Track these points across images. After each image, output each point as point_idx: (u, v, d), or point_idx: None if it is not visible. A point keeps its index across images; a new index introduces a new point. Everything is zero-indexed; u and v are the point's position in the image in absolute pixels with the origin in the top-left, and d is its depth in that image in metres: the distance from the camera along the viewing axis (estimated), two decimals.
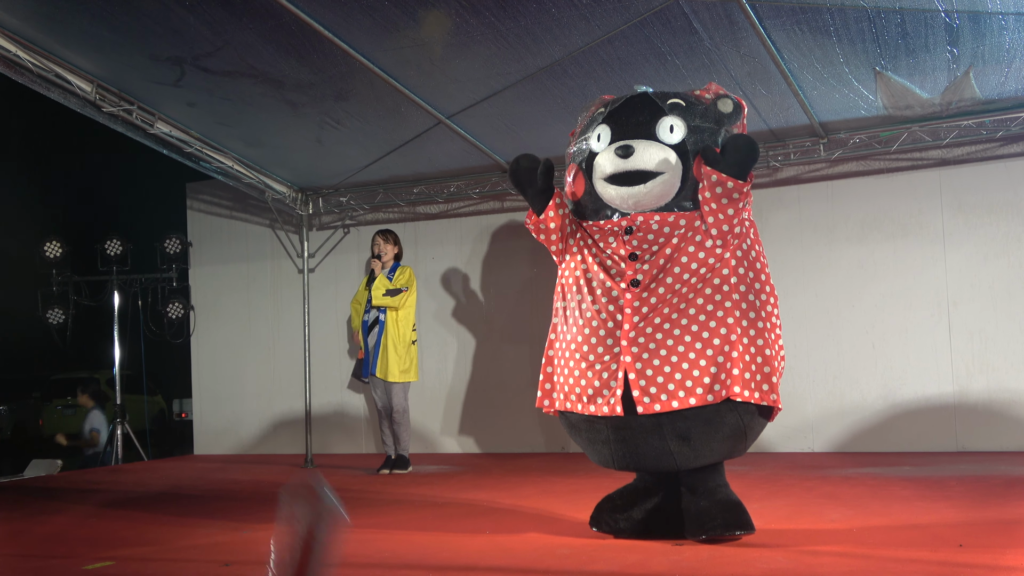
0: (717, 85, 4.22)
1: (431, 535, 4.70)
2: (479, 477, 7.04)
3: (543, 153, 7.85)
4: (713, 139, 4.04)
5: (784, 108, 6.98)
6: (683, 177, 3.98)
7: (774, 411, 4.05)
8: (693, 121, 4.04)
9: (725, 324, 3.89)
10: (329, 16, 5.73)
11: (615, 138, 4.06)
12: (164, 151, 7.47)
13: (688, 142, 4.01)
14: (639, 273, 3.98)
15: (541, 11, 5.58)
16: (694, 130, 4.03)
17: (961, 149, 7.53)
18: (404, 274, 7.62)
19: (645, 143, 3.99)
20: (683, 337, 3.88)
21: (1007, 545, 3.93)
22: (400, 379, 7.51)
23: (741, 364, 3.85)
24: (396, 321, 7.53)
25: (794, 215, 8.01)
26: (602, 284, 4.06)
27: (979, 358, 7.42)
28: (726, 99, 4.14)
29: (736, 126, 4.16)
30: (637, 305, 3.95)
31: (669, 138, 4.01)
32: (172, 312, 9.84)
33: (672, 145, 4.00)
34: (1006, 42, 5.90)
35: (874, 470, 6.51)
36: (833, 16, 5.59)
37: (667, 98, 4.11)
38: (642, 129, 4.04)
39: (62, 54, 6.34)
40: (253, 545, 4.57)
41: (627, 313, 3.95)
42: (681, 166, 3.98)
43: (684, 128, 4.02)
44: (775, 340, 4.06)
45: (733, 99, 4.15)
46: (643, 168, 3.96)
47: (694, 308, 3.91)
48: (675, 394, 3.83)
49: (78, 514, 5.94)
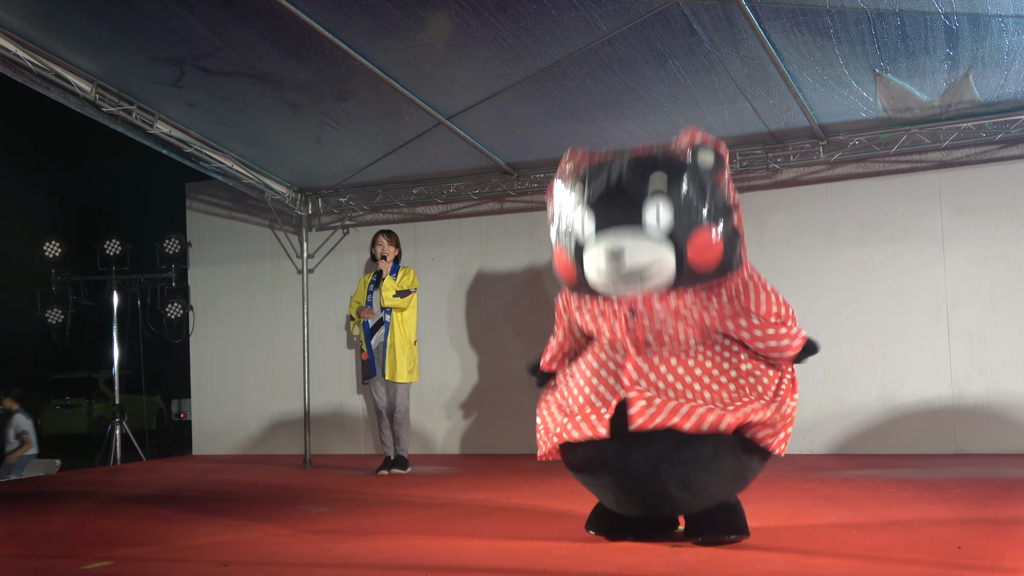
0: (694, 131, 4.00)
1: (430, 536, 4.70)
2: (478, 478, 7.04)
3: (542, 154, 7.96)
4: (699, 210, 3.84)
5: (784, 110, 6.98)
6: (677, 266, 3.84)
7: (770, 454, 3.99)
8: (678, 196, 3.84)
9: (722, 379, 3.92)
10: (329, 16, 5.73)
11: (600, 227, 3.87)
12: (164, 151, 7.47)
13: (677, 228, 3.82)
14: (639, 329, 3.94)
15: (541, 12, 5.59)
16: (681, 209, 3.83)
17: (960, 151, 7.53)
18: (409, 275, 7.66)
19: (633, 243, 3.80)
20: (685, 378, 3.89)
21: (1006, 547, 3.93)
22: (407, 379, 7.55)
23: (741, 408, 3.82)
24: (402, 322, 7.56)
25: (793, 217, 8.01)
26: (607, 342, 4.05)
27: (978, 360, 7.42)
28: (706, 151, 3.92)
29: (720, 177, 3.94)
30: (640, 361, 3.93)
31: (656, 226, 3.82)
32: (171, 312, 9.84)
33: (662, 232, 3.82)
34: (1005, 44, 5.90)
35: (873, 472, 6.51)
36: (833, 18, 5.59)
37: (647, 173, 3.89)
38: (628, 218, 3.85)
39: (62, 54, 6.35)
40: (252, 545, 4.57)
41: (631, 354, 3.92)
42: (674, 257, 3.83)
43: (671, 210, 3.83)
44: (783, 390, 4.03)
45: (712, 150, 3.93)
46: (637, 270, 3.83)
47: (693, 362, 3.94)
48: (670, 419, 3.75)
49: (77, 514, 5.94)
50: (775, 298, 4.10)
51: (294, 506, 5.91)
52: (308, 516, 5.46)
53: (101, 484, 7.64)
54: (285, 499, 6.29)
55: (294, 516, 5.47)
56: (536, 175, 8.37)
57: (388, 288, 7.51)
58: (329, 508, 5.76)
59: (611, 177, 3.96)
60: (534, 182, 8.41)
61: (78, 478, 8.32)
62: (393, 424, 7.61)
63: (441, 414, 9.03)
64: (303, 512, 5.62)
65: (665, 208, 3.83)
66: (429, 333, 9.04)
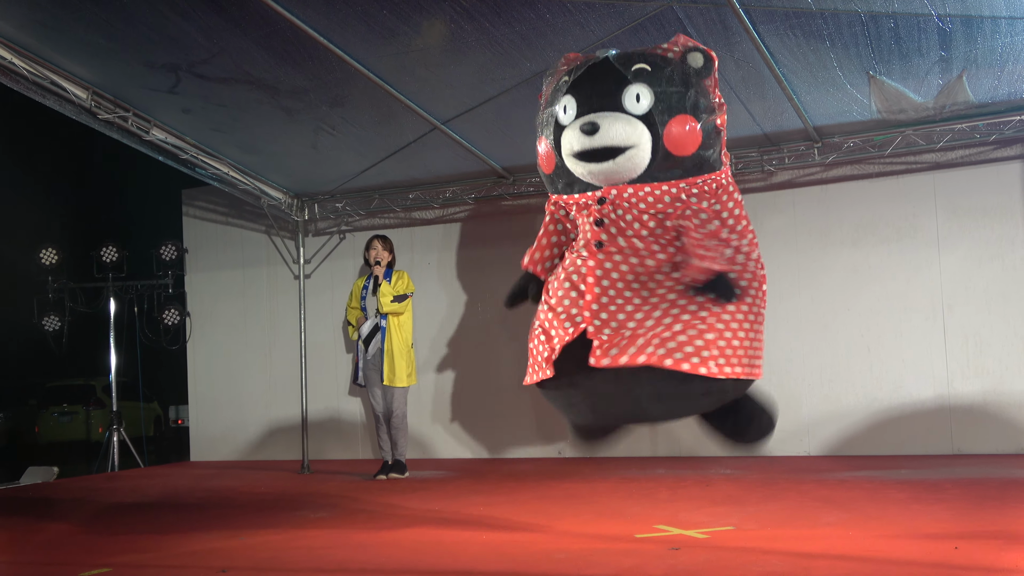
0: (686, 37, 4.04)
1: (428, 540, 4.70)
2: (476, 482, 7.05)
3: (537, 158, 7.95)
4: (681, 103, 3.85)
5: (778, 112, 6.99)
6: (653, 149, 3.83)
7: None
8: (660, 87, 3.86)
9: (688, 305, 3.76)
10: (324, 22, 5.74)
11: (580, 110, 3.91)
12: (160, 158, 7.47)
13: (655, 111, 3.83)
14: (603, 233, 3.89)
15: (536, 17, 5.60)
16: (661, 96, 3.85)
17: (955, 152, 7.55)
18: (404, 279, 7.68)
19: (611, 118, 3.82)
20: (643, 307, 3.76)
21: (1003, 548, 3.95)
22: (406, 383, 7.59)
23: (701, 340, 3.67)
24: (399, 326, 7.59)
25: (789, 219, 8.03)
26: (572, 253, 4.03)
27: (974, 361, 7.44)
28: (696, 52, 3.96)
29: (706, 80, 3.96)
30: (599, 275, 3.84)
31: (636, 108, 3.83)
32: (168, 318, 9.84)
33: (640, 116, 3.83)
34: (999, 46, 5.92)
35: (869, 473, 6.52)
36: (826, 21, 5.61)
37: (632, 63, 3.93)
38: (607, 100, 3.87)
39: (58, 61, 6.35)
40: (250, 551, 4.57)
41: (589, 282, 3.84)
42: (650, 138, 3.82)
43: (651, 96, 3.84)
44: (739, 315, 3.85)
45: (703, 51, 3.97)
46: (610, 144, 3.82)
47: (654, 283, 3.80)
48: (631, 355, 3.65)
49: (75, 521, 5.94)
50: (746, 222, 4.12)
51: (292, 512, 5.92)
52: (306, 522, 5.46)
53: (99, 491, 7.63)
54: (283, 505, 6.30)
55: (292, 522, 5.48)
56: (532, 179, 8.37)
57: (386, 294, 7.52)
58: (327, 513, 5.76)
59: (595, 67, 4.00)
60: (530, 186, 8.42)
61: (76, 485, 8.31)
62: (391, 429, 7.62)
63: (438, 418, 9.03)
64: (301, 518, 5.63)
65: (645, 93, 3.85)
66: (425, 337, 9.04)
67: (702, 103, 3.91)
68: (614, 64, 3.94)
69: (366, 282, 7.78)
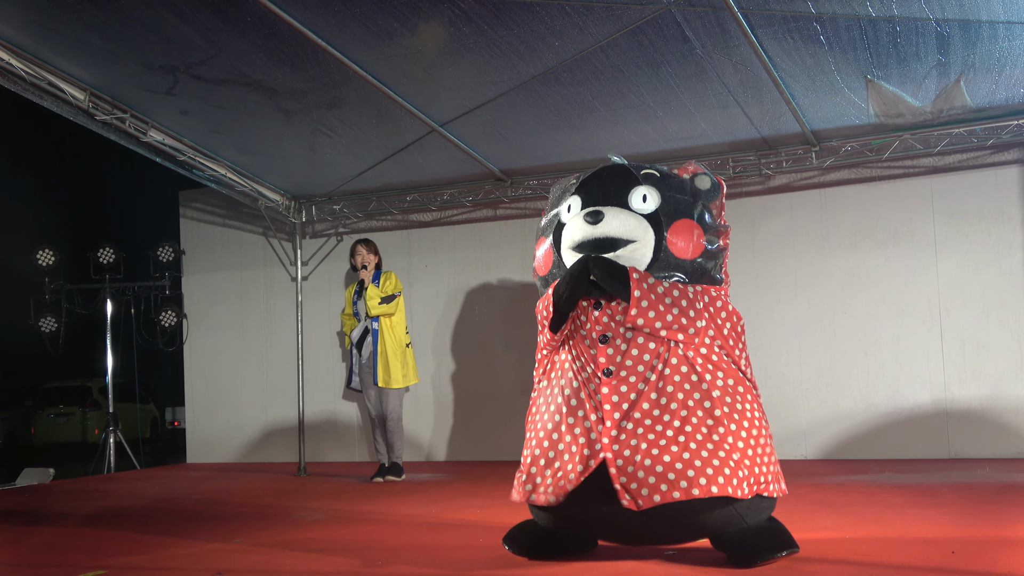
0: (696, 164, 4.05)
1: (425, 545, 4.70)
2: (472, 485, 7.04)
3: (535, 161, 7.99)
4: (688, 211, 3.87)
5: (776, 116, 7.00)
6: (655, 247, 3.81)
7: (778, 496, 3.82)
8: (667, 192, 3.89)
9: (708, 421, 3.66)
10: (322, 24, 5.74)
11: (585, 207, 3.93)
12: (157, 159, 7.47)
13: (661, 212, 3.84)
14: (611, 363, 3.78)
15: (534, 19, 5.60)
16: (668, 200, 3.87)
17: (952, 157, 7.56)
18: (391, 279, 7.67)
19: (615, 210, 3.85)
20: (665, 432, 3.64)
21: (1000, 552, 3.94)
22: (402, 384, 7.56)
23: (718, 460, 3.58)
24: (391, 327, 7.57)
25: (786, 223, 8.03)
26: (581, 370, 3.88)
27: (971, 365, 7.45)
28: (703, 176, 3.97)
29: (714, 204, 3.97)
30: (616, 400, 3.72)
31: (642, 207, 3.85)
32: (165, 320, 9.83)
33: (645, 215, 3.84)
34: (996, 50, 5.93)
35: (866, 477, 6.52)
36: (824, 25, 5.61)
37: (641, 168, 3.98)
38: (613, 198, 3.89)
39: (55, 62, 6.35)
40: (246, 554, 4.56)
41: (607, 410, 3.72)
42: (653, 235, 3.82)
43: (658, 198, 3.86)
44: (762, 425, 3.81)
45: (711, 177, 3.99)
46: (612, 235, 3.81)
47: (676, 403, 3.68)
48: (657, 487, 3.55)
49: (71, 523, 5.93)
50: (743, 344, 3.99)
51: (289, 514, 5.91)
52: (303, 524, 5.45)
53: (95, 493, 7.62)
54: (280, 507, 6.29)
55: (289, 524, 5.47)
56: (530, 182, 8.38)
57: (372, 296, 7.52)
58: (324, 516, 5.75)
59: (604, 169, 4.05)
60: (527, 189, 8.43)
61: (72, 487, 8.30)
62: (386, 431, 7.61)
63: (435, 421, 9.03)
64: (298, 520, 5.62)
65: (652, 194, 3.88)
66: (423, 340, 9.04)
67: (708, 217, 3.93)
68: (624, 167, 3.99)
69: (357, 287, 7.80)
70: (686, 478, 3.55)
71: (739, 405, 3.76)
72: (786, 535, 3.81)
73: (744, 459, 3.64)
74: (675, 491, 3.54)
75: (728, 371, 3.82)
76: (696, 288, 3.85)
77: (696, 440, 3.61)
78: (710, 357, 3.81)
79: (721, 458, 3.59)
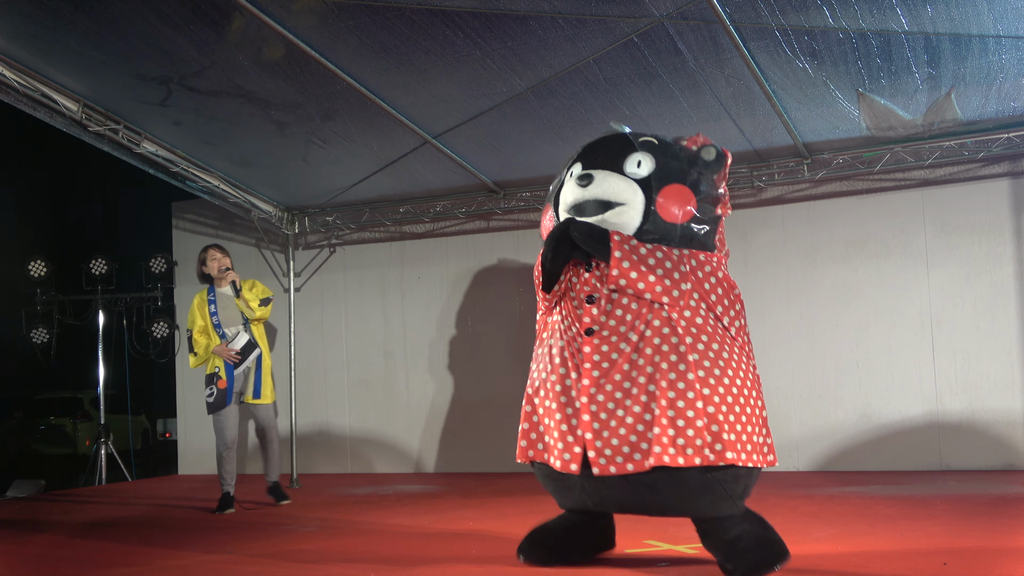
0: (705, 137, 4.13)
1: (417, 558, 4.69)
2: (464, 498, 7.03)
3: (528, 172, 8.00)
4: (681, 176, 3.93)
5: (768, 129, 7.03)
6: (644, 211, 3.89)
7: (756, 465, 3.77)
8: (663, 158, 3.97)
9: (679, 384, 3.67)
10: (316, 37, 5.75)
11: (582, 169, 4.06)
12: (150, 170, 7.47)
13: (653, 177, 3.92)
14: (595, 322, 3.85)
15: (527, 32, 5.62)
16: (662, 165, 3.95)
17: (943, 169, 7.60)
18: (258, 284, 6.92)
19: (605, 173, 3.95)
20: (639, 397, 3.69)
21: (992, 563, 3.95)
22: (272, 399, 6.99)
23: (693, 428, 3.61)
24: (262, 337, 6.94)
25: (778, 235, 8.06)
26: (568, 329, 3.97)
27: (962, 377, 7.46)
28: (710, 148, 4.04)
29: (715, 174, 4.02)
30: (597, 359, 3.80)
31: (635, 172, 3.94)
32: (157, 331, 9.81)
33: (638, 179, 3.93)
34: (987, 64, 5.97)
35: (858, 489, 6.53)
36: (816, 38, 5.64)
37: (641, 136, 4.08)
38: (609, 162, 4.01)
39: (48, 74, 6.35)
40: (238, 565, 4.55)
41: (586, 368, 3.81)
42: (643, 199, 3.90)
43: (652, 164, 3.95)
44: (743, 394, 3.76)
45: (718, 148, 4.04)
46: (600, 198, 3.91)
47: (651, 366, 3.71)
48: (630, 457, 3.65)
49: (62, 535, 5.91)
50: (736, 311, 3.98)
51: (280, 526, 5.89)
52: (295, 536, 5.44)
53: (86, 504, 7.59)
54: (271, 519, 6.27)
55: (280, 536, 5.46)
56: (523, 193, 8.40)
57: (251, 299, 6.73)
58: (316, 527, 5.74)
59: (607, 137, 4.17)
60: (520, 200, 8.44)
61: (63, 498, 8.27)
62: (267, 448, 7.00)
63: (427, 433, 9.02)
64: (289, 532, 5.61)
65: (647, 160, 3.97)
66: (416, 351, 9.05)
67: (703, 185, 3.96)
68: (624, 135, 4.09)
69: (210, 297, 6.82)
70: (640, 450, 3.65)
71: (718, 371, 3.72)
72: (775, 546, 3.80)
73: (712, 424, 3.63)
74: (629, 463, 3.65)
75: (713, 335, 3.79)
76: (683, 252, 3.87)
77: (660, 405, 3.65)
78: (694, 320, 3.79)
79: (679, 427, 3.62)
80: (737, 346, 3.87)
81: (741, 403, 3.74)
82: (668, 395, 3.66)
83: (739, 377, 3.78)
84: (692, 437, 3.60)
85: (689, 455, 3.58)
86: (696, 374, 3.68)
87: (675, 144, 4.07)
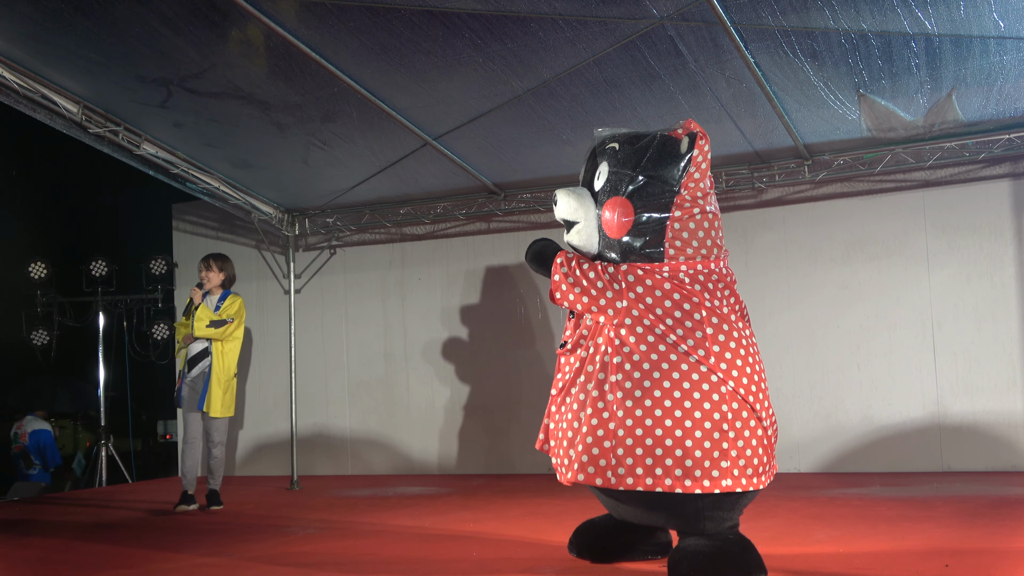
0: (696, 123, 3.97)
1: (417, 560, 4.69)
2: (465, 499, 7.02)
3: (529, 174, 7.99)
4: (623, 187, 3.85)
5: (769, 130, 7.02)
6: (598, 226, 3.93)
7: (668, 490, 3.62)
8: (614, 167, 3.91)
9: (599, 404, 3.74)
10: (316, 38, 5.75)
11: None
12: (150, 172, 7.46)
13: (602, 191, 3.93)
14: (567, 338, 4.05)
15: (527, 34, 5.61)
16: (611, 176, 3.91)
17: (944, 171, 7.59)
18: (233, 305, 7.11)
19: (564, 192, 3.99)
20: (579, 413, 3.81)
21: (994, 565, 3.95)
22: (221, 414, 7.00)
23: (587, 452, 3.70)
24: (221, 354, 7.04)
25: (779, 236, 8.05)
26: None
27: (963, 378, 7.46)
28: (686, 137, 3.88)
29: (672, 171, 3.84)
30: (561, 374, 4.03)
31: (597, 185, 3.98)
32: (157, 333, 9.82)
33: (595, 193, 3.97)
34: (988, 65, 5.96)
35: (860, 490, 6.52)
36: (817, 40, 5.63)
37: (607, 143, 4.02)
38: (586, 177, 4.11)
39: (48, 75, 6.34)
40: (238, 568, 4.55)
41: (556, 379, 4.06)
42: (596, 215, 3.93)
43: (606, 175, 3.94)
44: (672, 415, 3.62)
45: (693, 137, 3.87)
46: (564, 218, 4.01)
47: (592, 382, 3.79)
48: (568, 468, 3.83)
49: (62, 536, 5.90)
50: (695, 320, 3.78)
51: (281, 528, 5.89)
52: (295, 539, 5.44)
53: (87, 506, 7.59)
54: (272, 521, 6.27)
55: (281, 538, 5.45)
56: (523, 195, 8.39)
57: (201, 318, 6.95)
58: (316, 529, 5.74)
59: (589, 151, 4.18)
60: (521, 202, 8.44)
61: (63, 500, 8.26)
62: (210, 458, 7.12)
63: (428, 434, 9.01)
64: (290, 535, 5.60)
65: (603, 171, 3.98)
66: (417, 353, 9.04)
67: (652, 188, 3.83)
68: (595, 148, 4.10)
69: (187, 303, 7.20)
70: (564, 464, 3.86)
71: (640, 392, 3.65)
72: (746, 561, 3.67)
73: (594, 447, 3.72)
74: (568, 472, 3.82)
75: (646, 355, 3.70)
76: (620, 268, 3.86)
77: (580, 424, 3.80)
78: (627, 339, 3.76)
79: (577, 449, 3.77)
80: (688, 363, 3.67)
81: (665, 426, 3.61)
82: (587, 412, 3.79)
83: (670, 398, 3.63)
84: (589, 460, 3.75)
85: (590, 474, 3.74)
86: (614, 395, 3.72)
87: (635, 145, 3.93)
